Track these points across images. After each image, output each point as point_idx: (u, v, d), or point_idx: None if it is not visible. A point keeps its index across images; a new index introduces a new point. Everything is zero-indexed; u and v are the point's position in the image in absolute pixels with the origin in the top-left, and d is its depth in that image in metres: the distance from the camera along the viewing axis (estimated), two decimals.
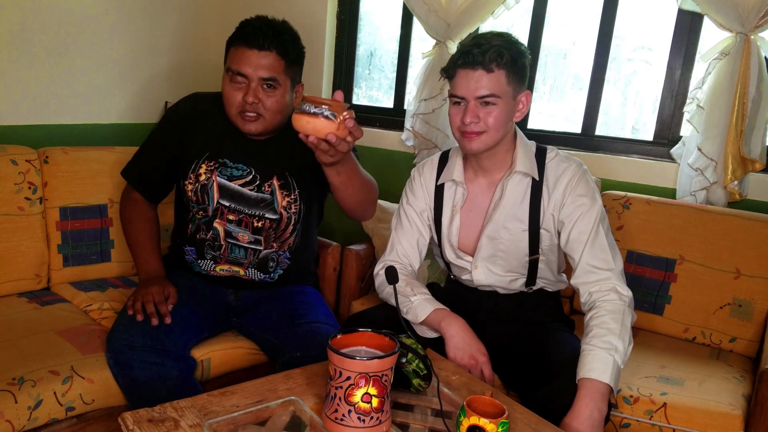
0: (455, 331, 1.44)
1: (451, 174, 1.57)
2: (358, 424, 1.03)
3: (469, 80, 1.39)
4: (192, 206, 1.67)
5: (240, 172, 1.63)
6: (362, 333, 1.13)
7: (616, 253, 1.44)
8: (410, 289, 1.53)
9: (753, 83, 1.77)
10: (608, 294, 1.38)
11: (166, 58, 2.62)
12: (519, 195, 1.50)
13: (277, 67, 1.52)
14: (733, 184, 1.84)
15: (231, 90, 1.53)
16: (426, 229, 1.62)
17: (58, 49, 2.24)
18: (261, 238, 1.65)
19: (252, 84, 1.51)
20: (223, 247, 1.65)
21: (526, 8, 2.23)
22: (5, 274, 1.81)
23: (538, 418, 1.17)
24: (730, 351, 1.74)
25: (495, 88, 1.39)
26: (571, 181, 1.46)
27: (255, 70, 1.50)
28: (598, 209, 1.45)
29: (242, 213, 1.63)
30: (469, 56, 1.39)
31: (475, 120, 1.40)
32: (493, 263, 1.55)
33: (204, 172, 1.63)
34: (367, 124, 2.63)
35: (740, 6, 1.74)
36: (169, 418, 1.07)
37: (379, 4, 2.69)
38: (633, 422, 1.45)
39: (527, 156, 1.50)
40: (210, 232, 1.65)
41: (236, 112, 1.54)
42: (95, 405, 1.48)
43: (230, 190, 1.63)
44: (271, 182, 1.64)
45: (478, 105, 1.40)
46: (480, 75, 1.38)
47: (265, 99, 1.52)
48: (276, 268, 1.70)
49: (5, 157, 1.84)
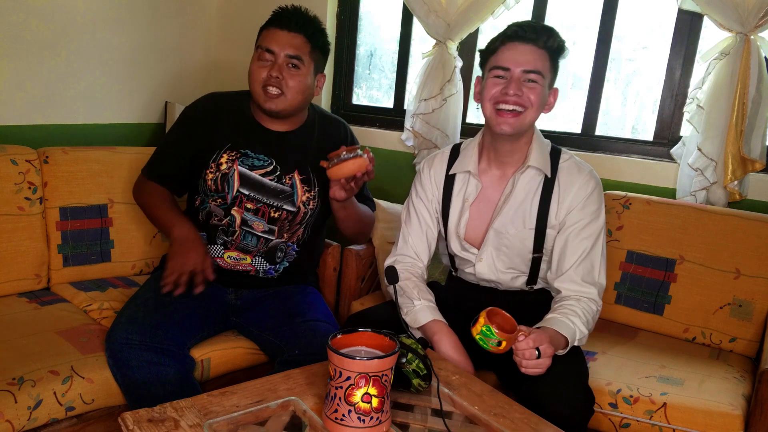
0: (445, 349, 1.44)
1: (465, 165, 1.56)
2: (358, 424, 1.03)
3: (517, 53, 1.40)
4: (210, 195, 1.68)
5: (261, 162, 1.67)
6: (362, 333, 1.13)
7: (604, 269, 1.48)
8: (416, 292, 1.52)
9: (753, 83, 1.77)
10: (583, 299, 1.44)
11: (166, 59, 2.62)
12: (530, 191, 1.50)
13: (303, 48, 1.60)
14: (733, 184, 1.84)
15: (257, 67, 1.61)
16: (434, 222, 1.62)
17: (59, 49, 2.24)
18: (275, 228, 1.69)
19: (278, 60, 1.58)
20: (236, 233, 1.68)
21: (526, 8, 2.23)
22: (5, 274, 1.81)
23: (538, 418, 1.17)
24: (730, 351, 1.74)
25: (541, 66, 1.40)
26: (584, 189, 1.47)
27: (282, 48, 1.58)
28: (601, 224, 1.47)
29: (261, 202, 1.67)
30: (522, 29, 1.41)
31: (518, 92, 1.40)
32: (497, 258, 1.55)
33: (225, 161, 1.67)
34: (367, 124, 2.63)
35: (740, 6, 1.74)
36: (169, 418, 1.07)
37: (379, 4, 2.69)
38: (633, 422, 1.45)
39: (542, 153, 1.50)
40: (227, 218, 1.68)
41: (260, 87, 1.60)
42: (95, 405, 1.48)
43: (251, 179, 1.67)
44: (292, 175, 1.68)
45: (521, 79, 1.41)
46: (531, 49, 1.40)
47: (288, 77, 1.59)
48: (283, 259, 1.72)
49: (5, 157, 1.84)
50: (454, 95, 2.26)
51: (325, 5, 2.60)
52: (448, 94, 2.25)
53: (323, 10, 2.61)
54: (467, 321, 1.57)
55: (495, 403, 1.21)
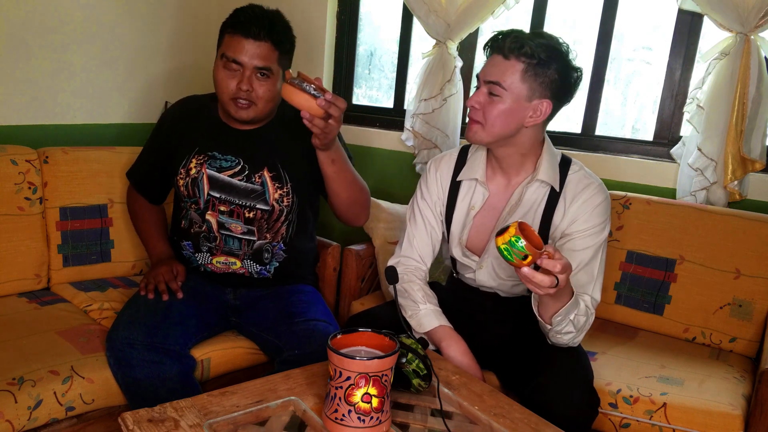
0: (454, 354, 1.43)
1: (473, 173, 1.53)
2: (358, 424, 1.03)
3: (489, 63, 1.40)
4: (185, 201, 1.70)
5: (229, 163, 1.66)
6: (362, 333, 1.13)
7: (600, 284, 1.43)
8: (421, 295, 1.51)
9: (753, 83, 1.77)
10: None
11: (166, 59, 2.62)
12: (536, 201, 1.48)
13: (271, 57, 1.55)
14: (733, 184, 1.84)
15: (225, 76, 1.55)
16: (439, 224, 1.61)
17: (58, 49, 2.24)
18: (254, 228, 1.67)
19: (246, 72, 1.54)
20: (217, 238, 1.68)
21: (526, 8, 2.23)
22: (5, 274, 1.81)
23: (538, 418, 1.17)
24: (730, 351, 1.74)
25: (501, 77, 1.36)
26: (590, 201, 1.43)
27: (250, 59, 1.53)
28: (604, 238, 1.44)
29: (233, 204, 1.65)
30: (494, 40, 1.39)
31: (476, 105, 1.40)
32: (498, 266, 1.54)
33: (194, 166, 1.67)
34: (367, 124, 2.63)
35: (740, 6, 1.74)
36: (169, 418, 1.07)
37: (379, 4, 2.69)
38: (633, 422, 1.45)
39: (552, 166, 1.46)
40: (204, 224, 1.68)
41: (228, 98, 1.57)
42: (95, 405, 1.48)
43: (220, 182, 1.66)
44: (261, 173, 1.65)
45: (484, 91, 1.40)
46: (497, 60, 1.38)
47: (258, 87, 1.56)
48: (271, 259, 1.71)
49: (5, 157, 1.84)
50: (454, 95, 2.26)
51: (325, 5, 2.60)
52: (448, 94, 2.25)
53: (323, 10, 2.61)
54: (468, 322, 1.57)
55: (495, 403, 1.21)
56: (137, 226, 1.86)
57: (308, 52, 2.67)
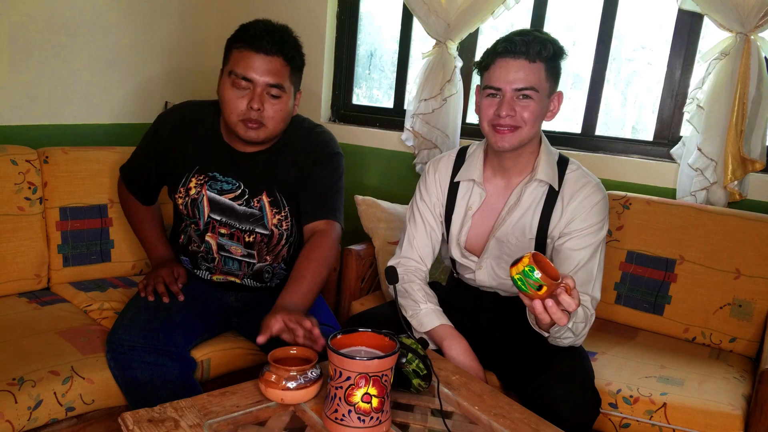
0: (455, 353, 1.43)
1: (470, 173, 1.54)
2: (358, 424, 1.03)
3: (508, 70, 1.36)
4: (185, 219, 1.66)
5: (230, 186, 1.59)
6: (362, 333, 1.13)
7: (599, 283, 1.43)
8: (422, 295, 1.52)
9: (753, 83, 1.77)
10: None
11: (166, 59, 2.62)
12: (534, 201, 1.48)
13: (283, 73, 1.46)
14: (733, 184, 1.84)
15: (233, 96, 1.46)
16: (438, 225, 1.61)
17: (58, 49, 2.24)
18: (254, 251, 1.64)
19: (257, 89, 1.44)
20: (216, 259, 1.65)
21: (526, 8, 2.23)
22: (5, 274, 1.81)
23: (538, 418, 1.17)
24: (730, 351, 1.74)
25: (534, 81, 1.36)
26: (588, 200, 1.44)
27: (261, 76, 1.43)
28: (602, 237, 1.44)
29: (233, 227, 1.61)
30: (511, 44, 1.35)
31: (511, 113, 1.37)
32: (497, 266, 1.54)
33: (194, 186, 1.60)
34: (367, 124, 2.63)
35: (740, 6, 1.74)
36: (169, 418, 1.07)
37: (379, 4, 2.69)
38: (633, 422, 1.45)
39: (549, 164, 1.47)
40: (203, 245, 1.64)
41: (238, 119, 1.47)
42: (95, 405, 1.48)
43: (220, 204, 1.60)
44: (260, 198, 1.59)
45: (515, 97, 1.37)
46: (521, 65, 1.35)
47: (269, 107, 1.47)
48: (272, 278, 1.70)
49: (5, 157, 1.84)
50: (454, 95, 2.26)
51: (325, 5, 2.60)
52: (448, 94, 2.25)
53: (323, 10, 2.61)
54: (468, 322, 1.58)
55: (495, 403, 1.21)
56: (134, 227, 1.81)
57: (308, 53, 2.64)
